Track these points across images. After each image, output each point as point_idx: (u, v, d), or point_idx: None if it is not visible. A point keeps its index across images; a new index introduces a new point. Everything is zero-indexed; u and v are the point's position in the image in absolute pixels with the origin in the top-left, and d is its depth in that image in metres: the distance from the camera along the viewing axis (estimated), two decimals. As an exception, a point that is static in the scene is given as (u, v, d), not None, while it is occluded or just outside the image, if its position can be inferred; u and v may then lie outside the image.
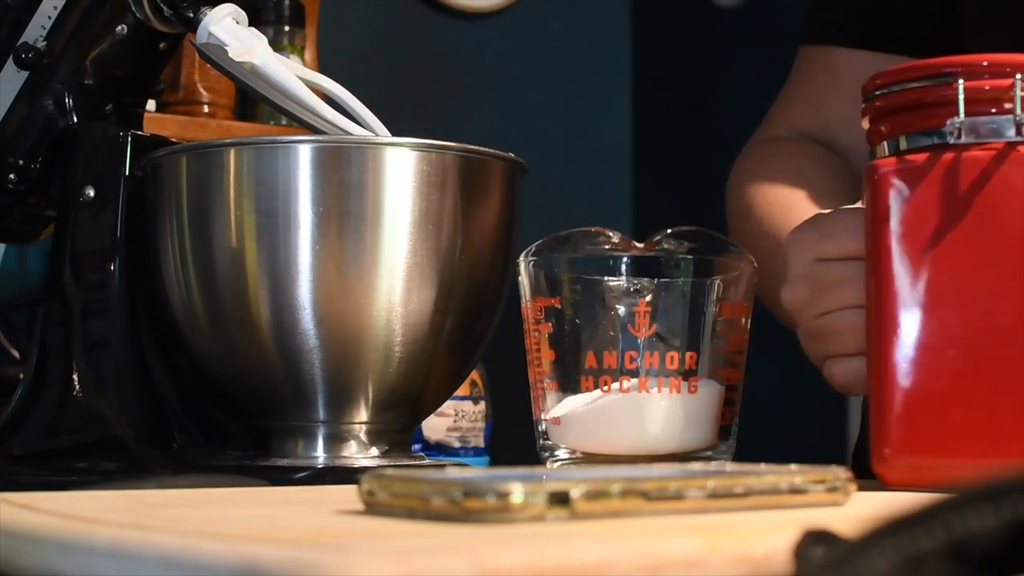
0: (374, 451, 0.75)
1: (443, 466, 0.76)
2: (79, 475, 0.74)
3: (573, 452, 0.66)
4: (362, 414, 0.74)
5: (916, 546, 0.28)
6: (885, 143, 0.62)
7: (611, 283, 0.67)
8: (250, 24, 0.79)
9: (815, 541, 0.30)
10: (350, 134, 0.75)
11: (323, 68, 0.84)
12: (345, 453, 0.74)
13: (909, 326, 0.59)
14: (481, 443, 1.30)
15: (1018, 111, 0.58)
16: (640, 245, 0.67)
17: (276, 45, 1.27)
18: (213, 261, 0.73)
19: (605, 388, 0.65)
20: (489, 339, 0.78)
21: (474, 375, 1.29)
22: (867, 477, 0.60)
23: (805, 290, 0.66)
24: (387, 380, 0.73)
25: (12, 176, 0.82)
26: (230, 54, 0.76)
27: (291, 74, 0.76)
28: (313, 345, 0.71)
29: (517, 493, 0.40)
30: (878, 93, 0.62)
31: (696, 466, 0.62)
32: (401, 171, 0.72)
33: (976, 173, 0.59)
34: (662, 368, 0.65)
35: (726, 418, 0.67)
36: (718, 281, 0.67)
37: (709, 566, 0.37)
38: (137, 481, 0.66)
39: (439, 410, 1.19)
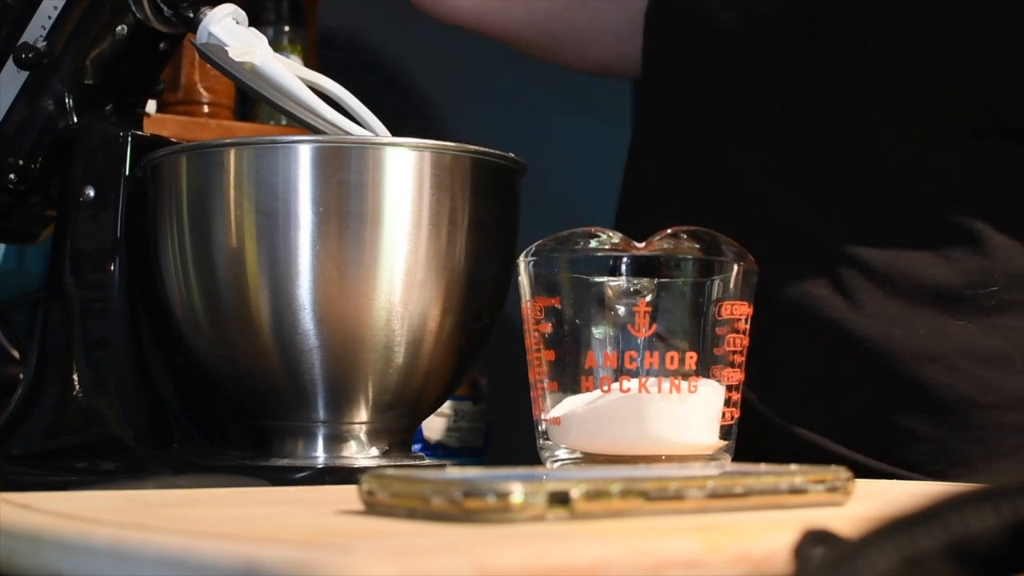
0: (374, 451, 0.75)
1: (443, 466, 0.76)
2: (79, 475, 0.74)
3: (573, 452, 0.66)
4: (362, 414, 0.74)
5: (916, 546, 0.28)
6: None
7: (611, 283, 0.67)
8: (250, 24, 0.79)
9: (815, 541, 0.30)
10: (350, 134, 0.75)
11: (323, 68, 0.84)
12: (345, 453, 0.74)
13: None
14: (481, 443, 1.30)
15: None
16: (640, 245, 0.67)
17: (276, 45, 1.27)
18: (213, 261, 0.73)
19: (605, 388, 0.65)
20: (489, 339, 0.78)
21: (474, 375, 1.29)
22: None
23: None
24: (387, 380, 0.73)
25: (12, 176, 0.82)
26: (230, 54, 0.76)
27: (291, 74, 0.76)
28: (313, 345, 0.71)
29: (517, 493, 0.40)
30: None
31: (696, 466, 0.62)
32: (401, 171, 0.72)
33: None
34: (662, 368, 0.65)
35: (726, 418, 0.67)
36: (718, 281, 0.67)
37: (709, 566, 0.37)
38: (137, 481, 0.66)
39: (439, 410, 1.19)
